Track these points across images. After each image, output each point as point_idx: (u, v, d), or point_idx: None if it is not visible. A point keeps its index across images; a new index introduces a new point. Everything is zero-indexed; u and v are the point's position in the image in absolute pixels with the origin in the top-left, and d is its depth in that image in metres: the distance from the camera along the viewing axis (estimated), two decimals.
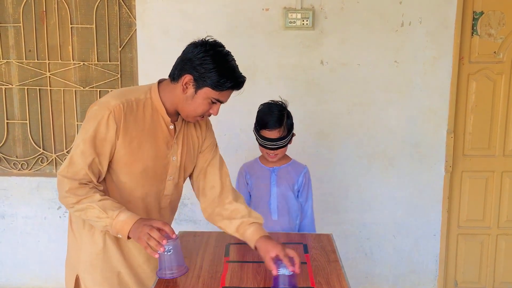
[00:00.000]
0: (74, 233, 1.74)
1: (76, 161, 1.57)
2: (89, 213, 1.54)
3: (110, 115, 1.56)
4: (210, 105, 1.65)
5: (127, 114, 1.59)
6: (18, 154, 3.18)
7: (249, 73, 2.92)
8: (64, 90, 3.08)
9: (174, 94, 1.64)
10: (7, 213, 3.14)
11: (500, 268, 3.17)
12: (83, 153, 1.56)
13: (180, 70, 1.61)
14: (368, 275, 3.14)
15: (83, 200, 1.55)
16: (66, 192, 1.56)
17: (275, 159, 2.18)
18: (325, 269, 1.69)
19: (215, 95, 1.61)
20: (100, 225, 1.56)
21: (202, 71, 1.56)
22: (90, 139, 1.56)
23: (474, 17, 2.91)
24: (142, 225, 1.49)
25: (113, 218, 1.52)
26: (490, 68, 2.97)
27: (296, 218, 2.23)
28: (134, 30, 2.99)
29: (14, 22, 3.03)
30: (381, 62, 2.91)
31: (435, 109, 2.95)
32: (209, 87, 1.59)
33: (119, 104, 1.58)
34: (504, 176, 3.08)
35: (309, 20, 2.82)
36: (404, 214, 3.07)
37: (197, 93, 1.61)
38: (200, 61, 1.56)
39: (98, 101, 1.64)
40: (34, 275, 3.19)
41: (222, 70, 1.57)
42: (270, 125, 2.09)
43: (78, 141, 1.59)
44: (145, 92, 1.67)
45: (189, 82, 1.59)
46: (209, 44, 1.60)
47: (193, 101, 1.62)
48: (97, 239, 1.68)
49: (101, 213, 1.53)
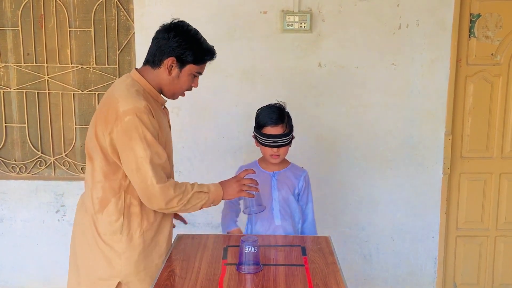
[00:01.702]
0: (109, 244, 1.77)
1: (159, 166, 1.68)
2: (193, 200, 1.74)
3: (149, 115, 1.68)
4: (192, 80, 1.85)
5: (152, 107, 1.73)
6: (16, 158, 3.18)
7: (247, 76, 2.94)
8: (62, 93, 3.08)
9: (160, 78, 1.80)
10: (5, 217, 3.14)
11: (498, 270, 3.17)
12: (158, 154, 1.69)
13: (160, 55, 1.77)
14: (366, 277, 3.14)
15: (185, 192, 1.72)
16: (174, 192, 1.69)
17: (277, 160, 2.14)
18: (323, 271, 1.69)
19: (197, 69, 1.82)
20: (199, 205, 1.77)
21: (181, 51, 1.75)
22: (153, 141, 1.68)
23: (472, 20, 2.92)
24: (232, 184, 1.83)
25: (208, 192, 1.77)
26: (488, 70, 2.98)
27: (298, 222, 2.22)
28: (132, 33, 2.99)
29: (12, 26, 3.04)
30: (379, 65, 2.91)
31: (433, 111, 2.96)
32: (192, 63, 1.79)
33: (144, 101, 1.70)
34: (502, 178, 3.09)
35: (307, 23, 2.83)
36: (402, 216, 3.07)
37: (181, 72, 1.80)
38: (177, 43, 1.75)
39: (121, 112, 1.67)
40: (32, 278, 3.18)
41: (197, 46, 1.78)
42: (272, 121, 2.09)
43: (143, 152, 1.65)
44: (135, 83, 1.79)
45: (173, 63, 1.77)
46: (176, 25, 1.79)
47: (179, 80, 1.81)
48: (137, 240, 1.78)
49: (201, 194, 1.75)
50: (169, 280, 1.62)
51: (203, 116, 2.97)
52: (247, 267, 1.66)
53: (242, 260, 1.67)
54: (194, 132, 2.98)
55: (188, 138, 2.98)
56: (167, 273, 1.68)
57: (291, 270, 1.69)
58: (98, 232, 1.78)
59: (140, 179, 1.66)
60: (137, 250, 1.78)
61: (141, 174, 1.65)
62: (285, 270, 1.69)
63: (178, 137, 2.89)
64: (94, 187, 1.78)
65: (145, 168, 1.64)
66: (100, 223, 1.77)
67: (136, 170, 1.66)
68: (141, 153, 1.65)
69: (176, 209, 1.72)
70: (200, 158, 3.00)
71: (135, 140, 1.65)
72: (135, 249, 1.77)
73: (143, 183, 1.66)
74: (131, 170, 1.68)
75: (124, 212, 1.75)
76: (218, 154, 3.00)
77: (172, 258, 1.80)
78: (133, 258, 1.77)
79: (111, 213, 1.76)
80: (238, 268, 1.68)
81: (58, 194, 3.09)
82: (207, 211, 3.00)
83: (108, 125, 1.68)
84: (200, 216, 3.00)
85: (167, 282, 1.61)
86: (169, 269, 1.71)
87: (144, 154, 1.65)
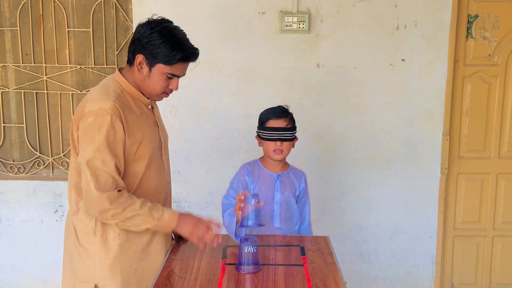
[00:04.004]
0: (84, 246, 1.74)
1: (101, 173, 1.60)
2: (135, 220, 1.64)
3: (113, 117, 1.59)
4: (167, 81, 1.69)
5: (123, 109, 1.64)
6: (15, 158, 3.18)
7: (246, 76, 2.94)
8: (61, 93, 3.08)
9: (135, 77, 1.70)
10: (4, 217, 3.13)
11: (496, 270, 3.19)
12: (104, 161, 1.59)
13: (132, 52, 1.67)
14: (365, 277, 3.15)
15: (128, 208, 1.62)
16: (110, 205, 1.59)
17: (280, 157, 2.10)
18: (322, 271, 1.69)
19: (168, 69, 1.65)
20: (143, 227, 1.66)
21: (151, 48, 1.61)
22: (104, 146, 1.59)
23: (469, 20, 2.94)
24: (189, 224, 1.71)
25: (158, 219, 1.66)
26: (485, 71, 2.99)
27: (296, 224, 2.22)
28: (131, 33, 2.99)
29: (11, 26, 3.03)
30: (377, 65, 2.92)
31: (431, 111, 2.97)
32: (161, 63, 1.64)
33: (113, 104, 1.61)
34: (499, 178, 3.10)
35: (305, 24, 2.84)
36: (400, 216, 3.08)
37: (151, 71, 1.66)
38: (148, 39, 1.62)
39: (86, 112, 1.62)
40: (31, 278, 3.18)
41: (170, 44, 1.61)
42: (275, 114, 2.09)
43: (89, 155, 1.59)
44: (114, 84, 1.70)
45: (142, 61, 1.65)
46: (155, 21, 1.66)
47: (150, 79, 1.67)
48: (111, 242, 1.72)
49: (148, 218, 1.64)
50: (168, 280, 1.62)
51: (202, 116, 2.98)
52: (246, 267, 1.67)
53: (241, 260, 1.67)
54: (193, 132, 2.98)
55: (187, 138, 2.98)
56: (166, 273, 1.68)
57: (290, 270, 1.69)
58: (76, 233, 1.75)
59: (83, 180, 1.62)
60: (111, 253, 1.72)
61: (84, 175, 1.61)
62: (284, 270, 1.70)
63: (177, 137, 2.90)
64: (70, 188, 1.76)
65: (87, 171, 1.59)
66: (77, 224, 1.75)
67: (82, 171, 1.62)
68: (89, 155, 1.59)
69: (111, 222, 1.65)
70: (199, 158, 3.01)
71: (89, 141, 1.60)
72: (109, 252, 1.72)
73: (85, 185, 1.61)
74: (81, 170, 1.63)
75: None
76: (217, 154, 3.00)
77: (171, 258, 1.81)
78: (107, 261, 1.72)
79: (83, 214, 1.71)
80: (238, 268, 1.68)
81: (57, 194, 3.09)
82: (205, 211, 3.02)
83: (76, 124, 1.66)
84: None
85: (166, 281, 1.61)
86: (169, 269, 1.71)
87: (91, 156, 1.59)
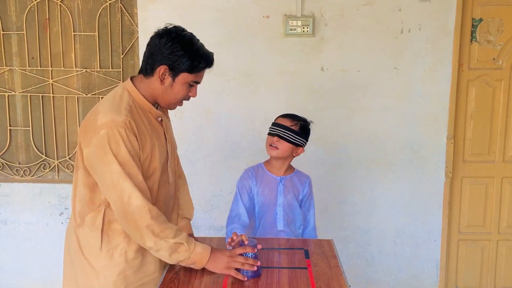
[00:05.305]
0: (89, 260, 1.70)
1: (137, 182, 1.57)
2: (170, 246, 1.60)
3: (127, 131, 1.57)
4: (188, 89, 1.71)
5: (136, 122, 1.62)
6: (20, 161, 3.20)
7: (250, 79, 2.95)
8: (66, 97, 3.10)
9: (153, 88, 1.68)
10: (9, 219, 3.15)
11: (500, 274, 3.18)
12: (130, 175, 1.56)
13: (152, 63, 1.66)
14: (369, 280, 3.14)
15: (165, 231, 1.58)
16: (151, 219, 1.56)
17: (275, 153, 2.09)
18: (326, 274, 1.69)
19: (192, 77, 1.68)
20: (174, 257, 1.62)
21: (174, 59, 1.63)
22: (127, 159, 1.56)
23: (473, 24, 2.94)
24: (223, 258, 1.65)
25: (191, 251, 1.62)
26: (490, 75, 2.99)
27: (299, 228, 2.22)
28: (136, 37, 3.02)
29: (17, 30, 3.06)
30: (381, 69, 2.93)
31: (435, 115, 2.97)
32: (185, 72, 1.65)
33: (125, 116, 1.58)
34: (504, 182, 3.09)
35: (309, 27, 2.85)
36: (404, 219, 3.08)
37: (175, 81, 1.67)
38: (170, 50, 1.62)
39: (97, 124, 1.58)
40: (35, 280, 3.19)
41: (192, 53, 1.64)
42: (286, 115, 2.15)
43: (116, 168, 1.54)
44: (125, 95, 1.67)
45: (165, 72, 1.65)
46: (172, 31, 1.65)
47: (173, 89, 1.68)
48: (117, 258, 1.68)
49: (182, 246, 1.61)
50: (173, 283, 1.63)
51: (206, 119, 2.99)
52: (246, 271, 1.66)
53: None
54: (197, 135, 3.00)
55: (191, 141, 2.99)
56: (170, 275, 1.68)
57: (294, 273, 1.70)
58: (79, 245, 1.71)
59: (116, 195, 1.56)
60: (117, 270, 1.68)
61: (116, 190, 1.56)
62: (288, 273, 1.70)
63: (181, 140, 2.90)
64: (76, 200, 1.72)
65: (120, 185, 1.54)
66: (81, 237, 1.71)
67: (112, 187, 1.56)
68: (116, 168, 1.55)
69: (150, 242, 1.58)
70: (203, 161, 3.02)
71: (109, 154, 1.55)
72: (115, 268, 1.68)
73: (119, 200, 1.56)
74: (107, 186, 1.58)
75: (103, 228, 1.66)
76: (221, 157, 3.01)
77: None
78: (111, 277, 1.67)
79: (89, 228, 1.68)
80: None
81: (62, 197, 3.10)
82: (209, 214, 3.03)
83: (87, 136, 1.61)
84: (203, 219, 3.02)
85: (171, 284, 1.62)
86: (173, 272, 1.71)
87: (118, 170, 1.54)
